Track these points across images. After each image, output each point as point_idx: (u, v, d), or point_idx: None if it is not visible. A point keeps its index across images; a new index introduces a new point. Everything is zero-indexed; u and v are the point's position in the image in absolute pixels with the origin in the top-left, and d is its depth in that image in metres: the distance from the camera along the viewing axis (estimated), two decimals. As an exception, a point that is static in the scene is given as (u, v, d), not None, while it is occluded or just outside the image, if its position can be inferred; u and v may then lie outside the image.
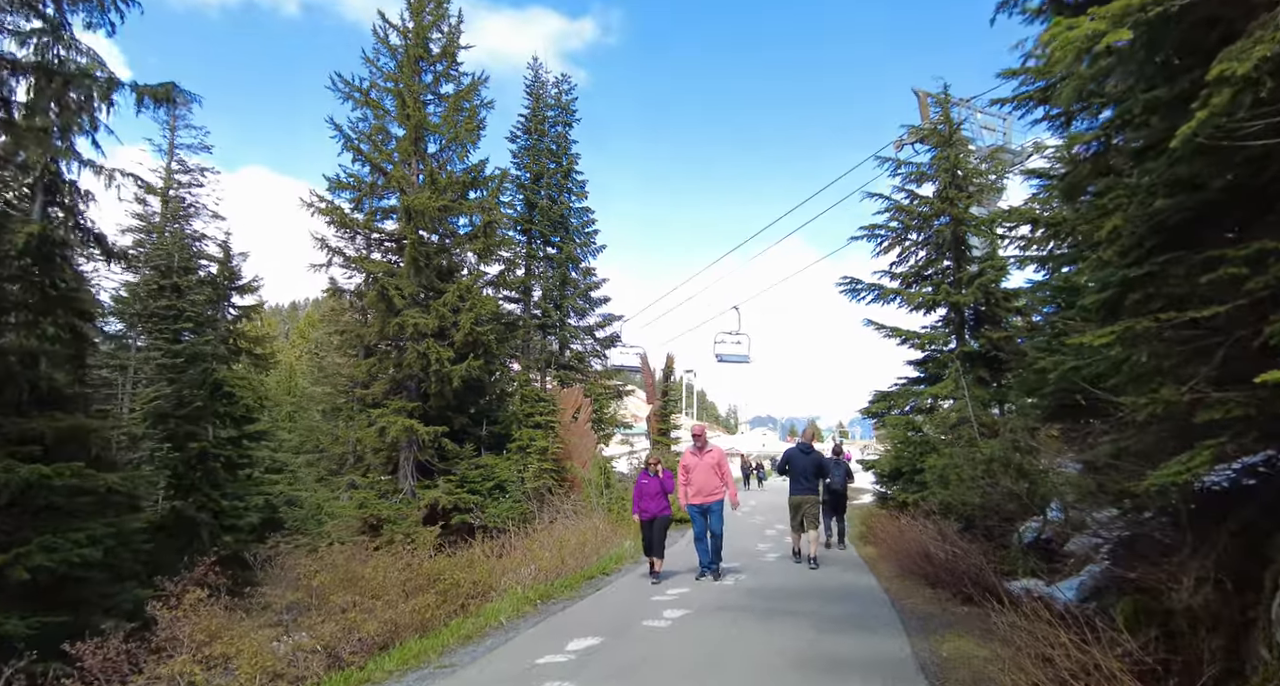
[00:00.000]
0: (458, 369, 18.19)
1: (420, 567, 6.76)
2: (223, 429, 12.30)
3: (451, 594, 6.31)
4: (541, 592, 7.42)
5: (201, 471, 11.08)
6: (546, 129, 23.53)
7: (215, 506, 11.00)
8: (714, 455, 8.52)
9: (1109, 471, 4.00)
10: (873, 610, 6.63)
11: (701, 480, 8.30)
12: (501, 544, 9.53)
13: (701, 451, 8.50)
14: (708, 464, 8.38)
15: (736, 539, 12.51)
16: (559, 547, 9.04)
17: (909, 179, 13.08)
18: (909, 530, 8.77)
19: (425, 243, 19.31)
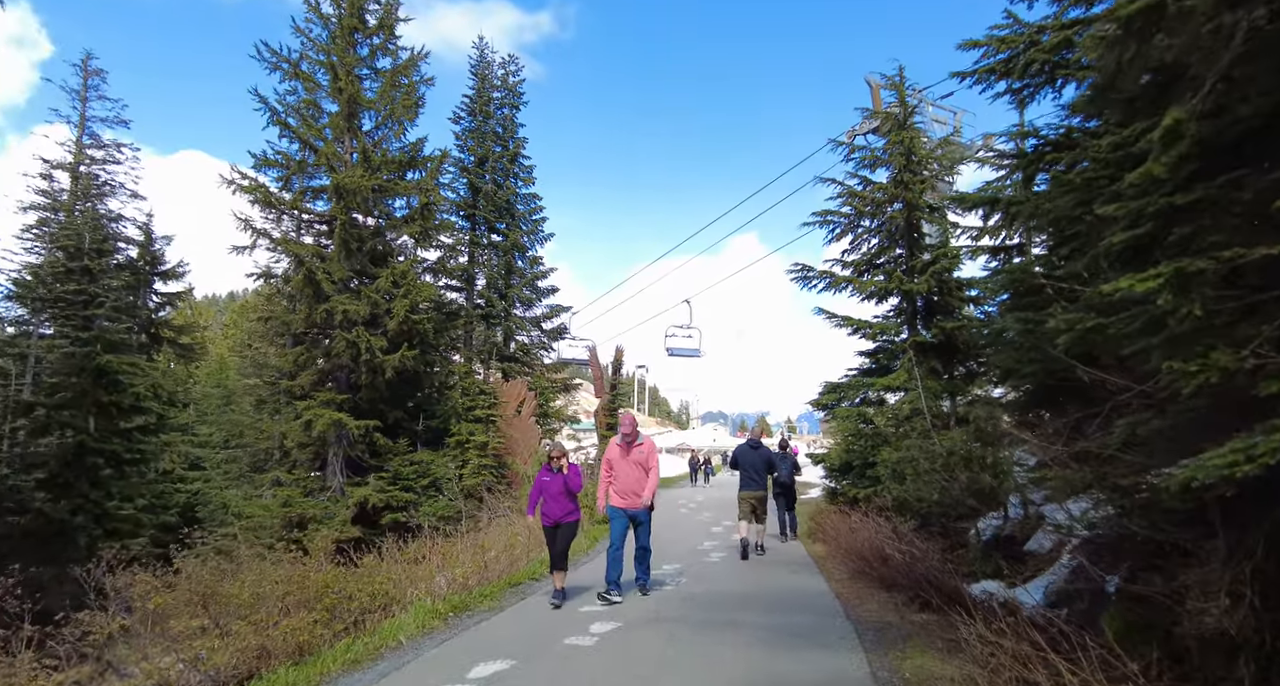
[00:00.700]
0: (391, 359, 16.95)
1: (309, 579, 5.71)
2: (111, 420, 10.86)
3: (342, 609, 5.31)
4: (456, 604, 6.46)
5: (79, 468, 9.70)
6: (492, 111, 22.37)
7: (96, 508, 9.65)
8: (644, 449, 6.99)
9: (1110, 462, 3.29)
10: (824, 620, 5.89)
11: (626, 478, 6.93)
12: (421, 547, 8.48)
13: (630, 444, 6.99)
14: (635, 460, 6.93)
15: (681, 536, 11.73)
16: (482, 551, 8.08)
17: (862, 164, 12.49)
18: (861, 528, 8.11)
19: (358, 225, 17.99)
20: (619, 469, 6.98)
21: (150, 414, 14.21)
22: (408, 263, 17.78)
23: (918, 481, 7.21)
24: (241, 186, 17.01)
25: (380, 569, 7.00)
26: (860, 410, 11.16)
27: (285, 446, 19.26)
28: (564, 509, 6.83)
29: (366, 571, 6.69)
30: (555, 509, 6.79)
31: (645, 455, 6.97)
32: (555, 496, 6.78)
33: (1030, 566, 6.62)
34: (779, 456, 11.21)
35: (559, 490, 6.79)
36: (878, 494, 9.12)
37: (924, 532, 7.84)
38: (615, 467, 7.00)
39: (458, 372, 18.88)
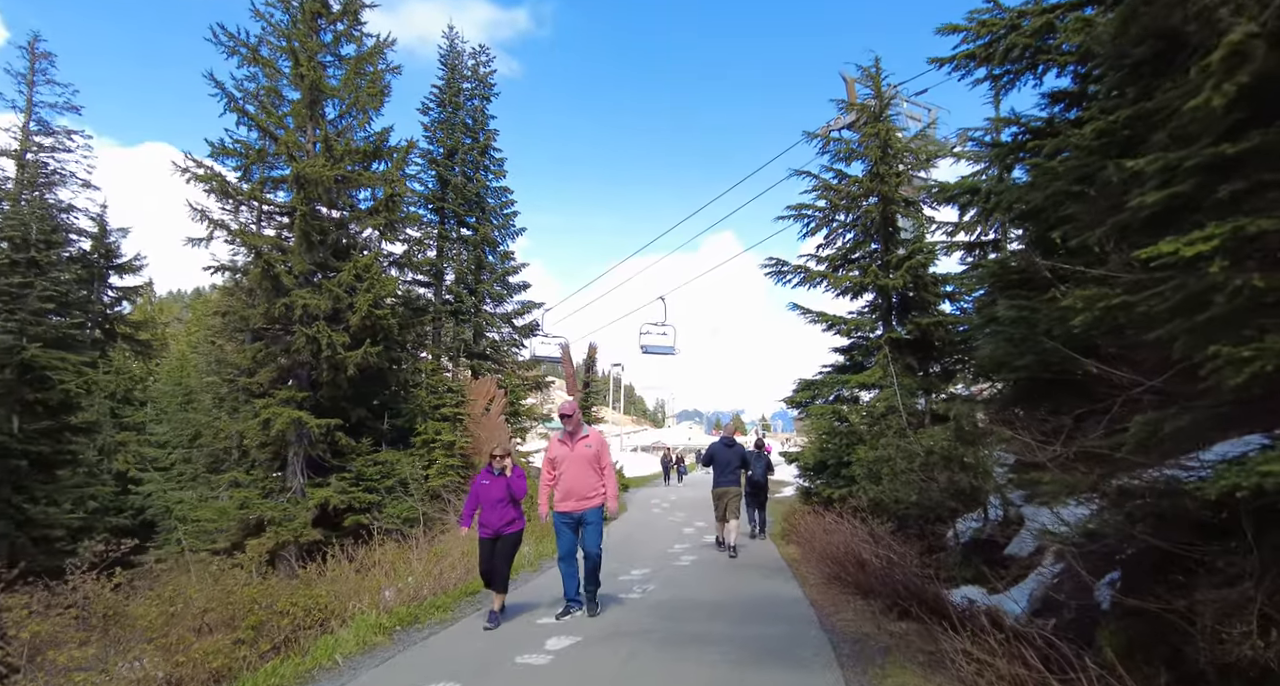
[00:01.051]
0: (353, 355, 16.25)
1: (235, 593, 5.13)
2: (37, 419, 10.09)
3: (272, 626, 4.76)
4: (404, 616, 5.94)
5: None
6: (462, 102, 21.69)
7: (18, 514, 8.92)
8: (591, 444, 5.96)
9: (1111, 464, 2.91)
10: (799, 631, 5.47)
11: (573, 478, 5.90)
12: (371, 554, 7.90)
13: (574, 438, 5.97)
14: (582, 456, 5.92)
15: (651, 538, 11.30)
16: (436, 558, 7.55)
17: (837, 157, 12.17)
18: (836, 530, 7.73)
19: (320, 216, 17.23)
20: (564, 468, 5.93)
21: (87, 412, 13.30)
22: (372, 256, 17.07)
23: (895, 482, 6.84)
24: (196, 175, 16.16)
25: (324, 578, 6.43)
26: (835, 408, 10.82)
27: (244, 446, 18.49)
28: (505, 517, 5.86)
29: (304, 582, 6.12)
30: (495, 518, 5.82)
31: (595, 450, 5.95)
32: (495, 503, 5.83)
33: (1012, 571, 6.29)
34: (753, 455, 11.05)
35: (500, 496, 5.82)
36: (853, 494, 8.76)
37: (901, 535, 7.48)
38: (559, 466, 5.96)
39: (424, 370, 18.21)
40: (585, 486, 5.91)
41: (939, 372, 11.62)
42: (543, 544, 9.59)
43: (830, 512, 9.07)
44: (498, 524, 5.83)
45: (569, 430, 6.00)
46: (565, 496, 5.93)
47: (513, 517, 5.92)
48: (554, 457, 6.03)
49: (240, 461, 18.28)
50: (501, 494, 5.84)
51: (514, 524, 5.93)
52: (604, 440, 6.19)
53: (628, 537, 11.40)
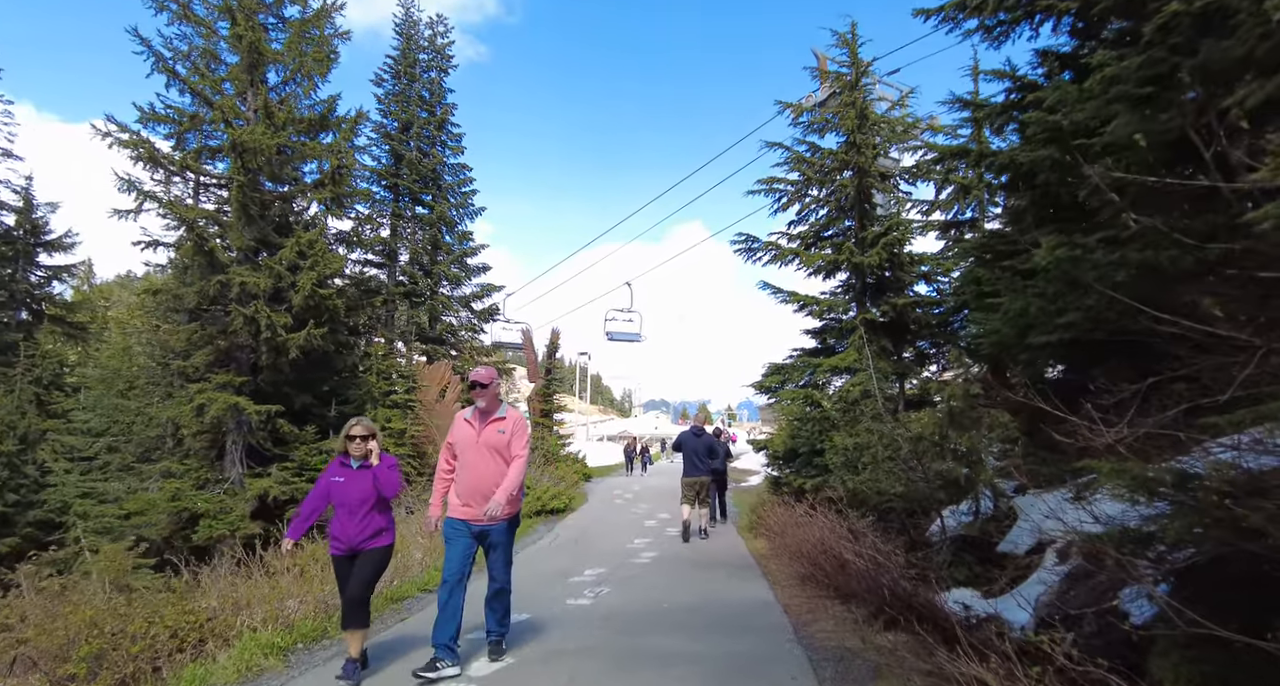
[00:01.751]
0: (295, 337, 14.98)
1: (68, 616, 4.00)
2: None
3: (119, 657, 3.72)
4: (308, 632, 4.95)
5: None
6: (418, 74, 20.36)
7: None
8: (506, 428, 4.32)
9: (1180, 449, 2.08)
10: (772, 645, 4.63)
11: (477, 473, 4.23)
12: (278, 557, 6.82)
13: (485, 417, 4.33)
14: (492, 443, 4.26)
15: (610, 531, 10.40)
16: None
17: (811, 128, 11.34)
18: (809, 524, 6.92)
19: (260, 188, 15.88)
20: (466, 457, 4.29)
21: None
22: (316, 232, 15.76)
23: (877, 471, 6.04)
24: (120, 141, 14.66)
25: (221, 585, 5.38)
26: (807, 392, 10.03)
27: (179, 434, 17.07)
28: (367, 527, 4.13)
29: (179, 595, 5.05)
30: (353, 527, 4.10)
31: (508, 435, 4.29)
32: (354, 506, 4.10)
33: (1008, 571, 5.56)
34: (716, 443, 10.65)
35: (361, 496, 4.11)
36: (827, 484, 7.98)
37: (881, 529, 6.70)
38: (461, 455, 4.33)
39: (374, 354, 16.99)
40: (490, 488, 4.20)
41: (914, 357, 10.94)
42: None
43: (802, 504, 8.28)
44: (356, 536, 4.10)
45: (481, 406, 4.34)
46: (465, 497, 4.24)
47: (379, 526, 4.18)
48: (454, 443, 4.38)
49: (175, 450, 16.89)
50: (363, 493, 4.11)
51: (381, 536, 4.20)
52: (523, 424, 4.49)
53: (585, 531, 10.50)
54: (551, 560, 8.19)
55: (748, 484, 19.59)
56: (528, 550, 8.99)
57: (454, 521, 4.28)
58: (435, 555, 7.85)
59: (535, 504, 12.07)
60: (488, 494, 4.17)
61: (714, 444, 10.14)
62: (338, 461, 4.25)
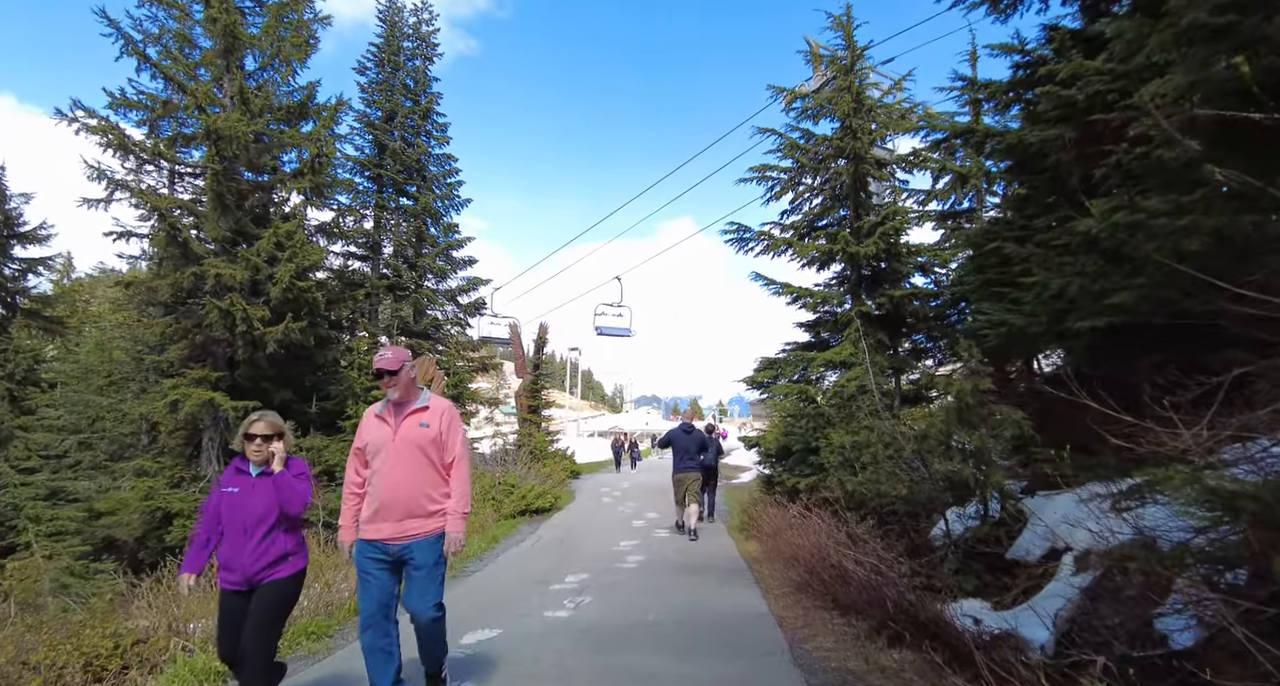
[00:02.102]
0: (273, 331, 14.40)
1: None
2: None
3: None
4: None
5: None
6: (402, 62, 19.74)
7: None
8: (431, 421, 3.39)
9: None
10: (766, 668, 4.16)
11: (394, 482, 3.30)
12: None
13: (402, 410, 3.40)
14: (414, 442, 3.34)
15: (595, 532, 9.92)
16: (336, 564, 6.06)
17: (804, 114, 10.86)
18: (804, 527, 6.47)
19: (236, 177, 15.26)
20: (381, 462, 3.31)
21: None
22: (295, 223, 15.16)
23: (877, 472, 5.58)
24: (87, 126, 14.01)
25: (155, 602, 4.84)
26: (800, 387, 9.57)
27: (154, 431, 16.47)
28: (267, 551, 3.20)
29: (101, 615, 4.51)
30: (248, 551, 3.17)
31: (435, 430, 3.35)
32: (251, 524, 3.18)
33: (1020, 581, 5.12)
34: (707, 440, 10.40)
35: (260, 511, 3.20)
36: (823, 483, 7.53)
37: (880, 532, 6.26)
38: (374, 460, 3.34)
39: (357, 349, 16.42)
40: (413, 496, 3.27)
41: (910, 351, 10.51)
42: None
43: (796, 504, 7.83)
44: (253, 563, 3.15)
45: (394, 399, 3.39)
46: (378, 513, 3.27)
47: (284, 551, 3.24)
48: (365, 444, 3.39)
49: (149, 448, 16.29)
50: (263, 508, 3.19)
51: (286, 562, 3.24)
52: (453, 414, 3.49)
53: (570, 532, 10.02)
54: (532, 564, 7.71)
55: (738, 481, 19.17)
56: (509, 552, 8.51)
57: (367, 546, 3.29)
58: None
59: (519, 503, 11.58)
60: (410, 507, 3.26)
61: (704, 440, 9.99)
62: (233, 467, 3.34)
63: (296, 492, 3.26)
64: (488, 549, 8.79)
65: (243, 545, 3.16)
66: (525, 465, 14.95)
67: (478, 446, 18.67)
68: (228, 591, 3.22)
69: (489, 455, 17.81)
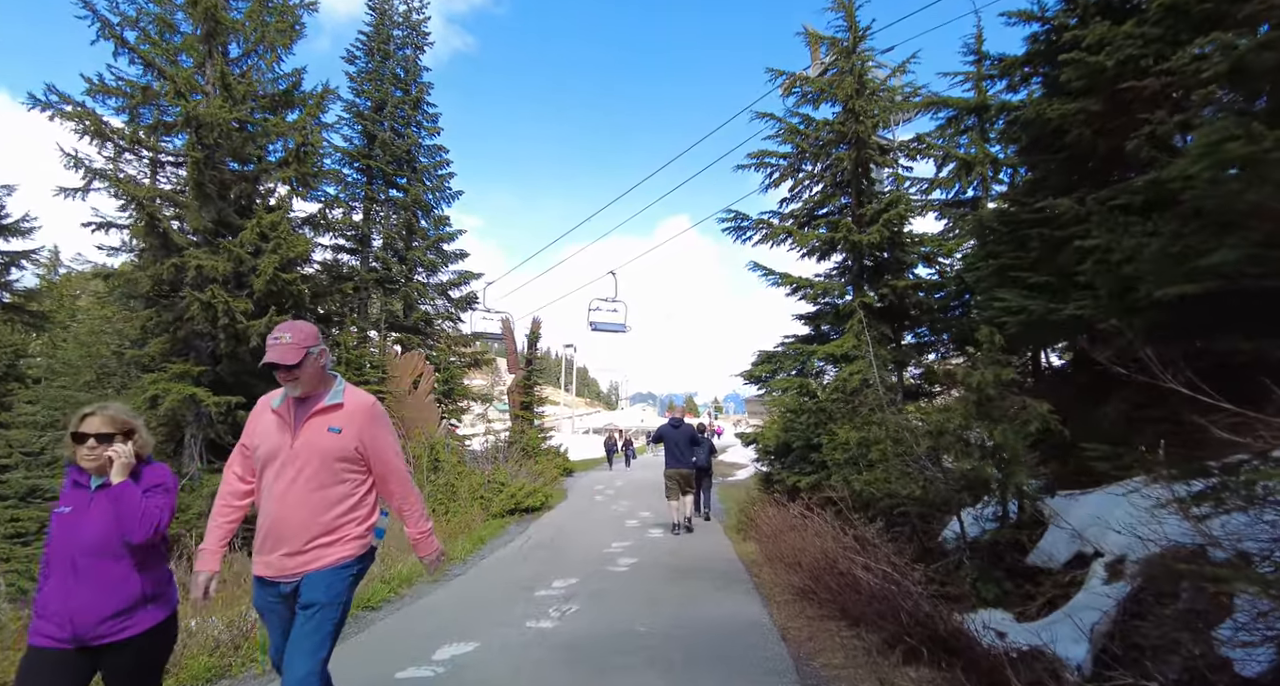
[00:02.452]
0: (256, 324, 13.87)
1: None
2: None
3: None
4: (199, 673, 3.98)
5: None
6: (392, 51, 19.19)
7: None
8: (341, 423, 2.47)
9: None
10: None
11: (287, 503, 2.42)
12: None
13: (307, 405, 2.50)
14: (317, 449, 2.44)
15: (586, 529, 9.45)
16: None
17: (804, 99, 10.38)
18: (806, 528, 6.01)
19: (219, 166, 14.72)
20: (274, 474, 2.45)
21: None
22: (280, 213, 14.61)
23: (887, 470, 5.12)
24: (61, 113, 13.46)
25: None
26: (801, 381, 9.11)
27: (134, 428, 15.93)
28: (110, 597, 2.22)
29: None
30: (82, 595, 2.18)
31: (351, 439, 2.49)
32: (81, 556, 2.21)
33: (1045, 588, 4.67)
34: (699, 438, 10.16)
35: (94, 540, 2.23)
36: (826, 482, 7.06)
37: (890, 535, 5.80)
38: (267, 470, 2.47)
39: (344, 343, 15.90)
40: (311, 522, 2.42)
41: (913, 345, 10.06)
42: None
43: (796, 504, 7.37)
44: (87, 615, 2.18)
45: (297, 394, 2.50)
46: (266, 543, 2.45)
47: (139, 594, 2.27)
48: (254, 444, 2.54)
49: (130, 445, 15.74)
50: (98, 534, 2.24)
51: (144, 610, 2.29)
52: (375, 415, 2.57)
53: (560, 532, 9.54)
54: (518, 568, 7.23)
55: (735, 478, 18.72)
56: (496, 555, 8.03)
57: (259, 583, 2.50)
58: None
59: (509, 502, 11.09)
60: (307, 537, 2.40)
61: (694, 434, 9.80)
62: (70, 479, 2.35)
63: (142, 512, 2.24)
64: (473, 551, 8.31)
65: (70, 586, 2.18)
66: (517, 462, 14.46)
67: (470, 443, 18.16)
68: (41, 649, 2.17)
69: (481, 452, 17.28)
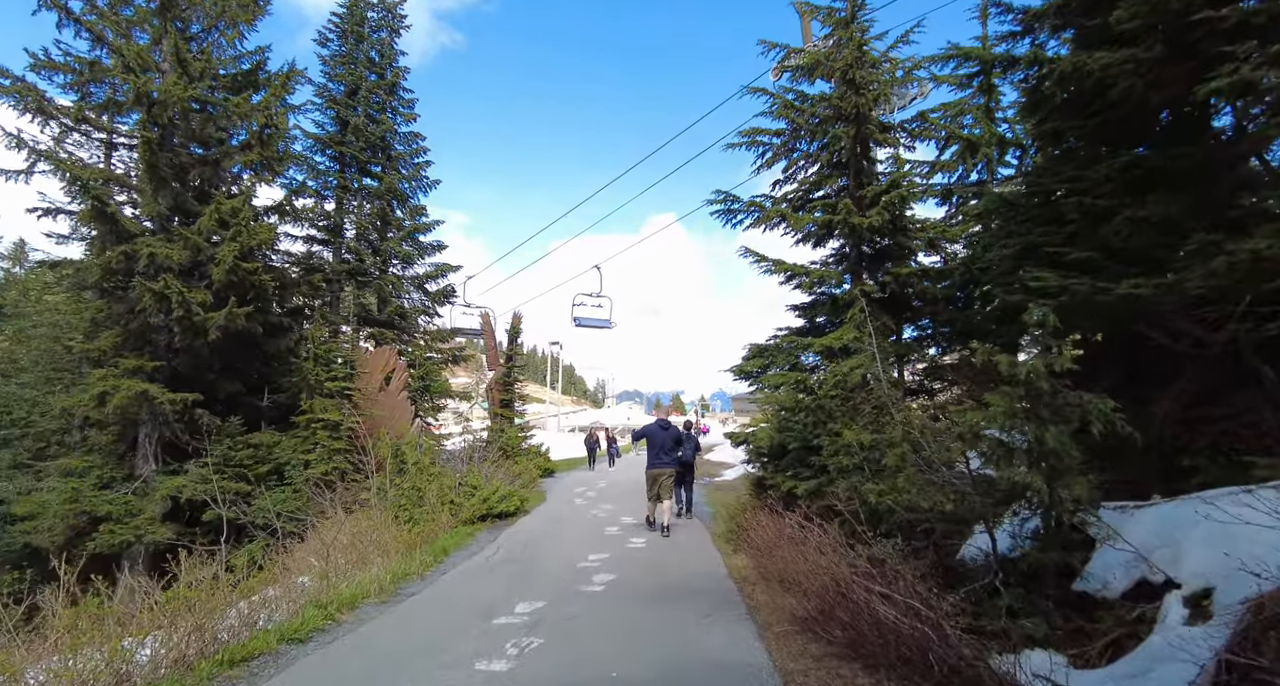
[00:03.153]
0: (215, 317, 12.81)
1: None
2: None
3: None
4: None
5: None
6: (367, 33, 18.11)
7: None
8: None
9: None
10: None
11: None
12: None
13: None
14: None
15: (561, 543, 8.50)
16: (187, 606, 4.59)
17: (799, 74, 9.51)
18: (809, 546, 5.12)
19: (175, 148, 13.61)
20: None
21: None
22: (241, 199, 13.53)
23: (909, 480, 4.23)
24: (1, 88, 12.33)
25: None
26: (799, 376, 8.22)
27: (86, 426, 14.78)
28: None
29: None
30: None
31: None
32: None
33: (1104, 624, 3.81)
34: (685, 436, 9.91)
35: None
36: (829, 488, 6.18)
37: (905, 550, 4.91)
38: None
39: (311, 338, 14.84)
40: None
41: (916, 338, 9.22)
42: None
43: (794, 512, 6.48)
44: None
45: None
46: None
47: None
48: None
49: (81, 445, 14.60)
50: None
51: None
52: None
53: (533, 541, 8.59)
54: (480, 586, 6.29)
55: (722, 478, 17.84)
56: (458, 569, 7.07)
57: None
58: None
59: (481, 507, 10.13)
60: None
61: (680, 437, 9.44)
62: None
63: None
64: (434, 565, 7.35)
65: None
66: (494, 463, 13.49)
67: (448, 443, 17.15)
68: None
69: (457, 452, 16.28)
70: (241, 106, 14.05)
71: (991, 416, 3.64)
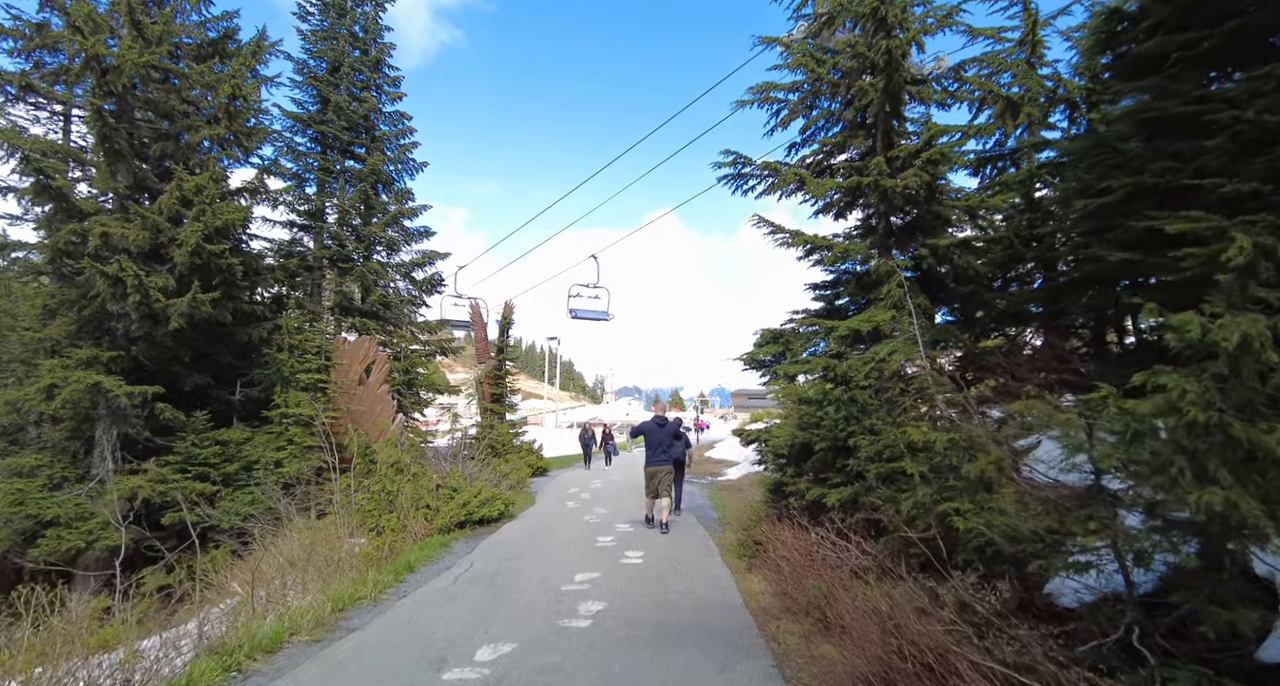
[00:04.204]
0: (178, 303, 11.52)
1: None
2: None
3: None
4: None
5: None
6: (350, 7, 16.78)
7: None
8: None
9: None
10: None
11: None
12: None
13: None
14: None
15: (546, 559, 7.20)
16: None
17: (822, 24, 8.20)
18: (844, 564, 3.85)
19: (132, 119, 12.31)
20: None
21: None
22: (206, 176, 12.22)
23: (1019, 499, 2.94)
24: (-65, 49, 11.05)
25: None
26: (827, 362, 6.91)
27: (40, 421, 13.50)
28: None
29: None
30: None
31: None
32: None
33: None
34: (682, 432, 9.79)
35: None
36: (867, 497, 4.88)
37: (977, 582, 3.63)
38: None
39: (287, 328, 13.54)
40: None
41: (957, 320, 7.93)
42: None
43: (822, 527, 5.20)
44: None
45: None
46: None
47: None
48: None
49: (33, 442, 13.31)
50: None
51: None
52: None
53: (512, 557, 7.29)
54: (439, 619, 5.00)
55: (726, 477, 16.54)
56: (418, 593, 5.78)
57: None
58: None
59: (460, 513, 8.84)
60: None
61: (678, 432, 9.38)
62: None
63: None
64: (393, 584, 6.07)
65: None
66: (481, 462, 12.20)
67: (436, 440, 15.85)
68: None
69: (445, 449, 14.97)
70: (206, 76, 12.74)
71: (1162, 409, 2.35)
